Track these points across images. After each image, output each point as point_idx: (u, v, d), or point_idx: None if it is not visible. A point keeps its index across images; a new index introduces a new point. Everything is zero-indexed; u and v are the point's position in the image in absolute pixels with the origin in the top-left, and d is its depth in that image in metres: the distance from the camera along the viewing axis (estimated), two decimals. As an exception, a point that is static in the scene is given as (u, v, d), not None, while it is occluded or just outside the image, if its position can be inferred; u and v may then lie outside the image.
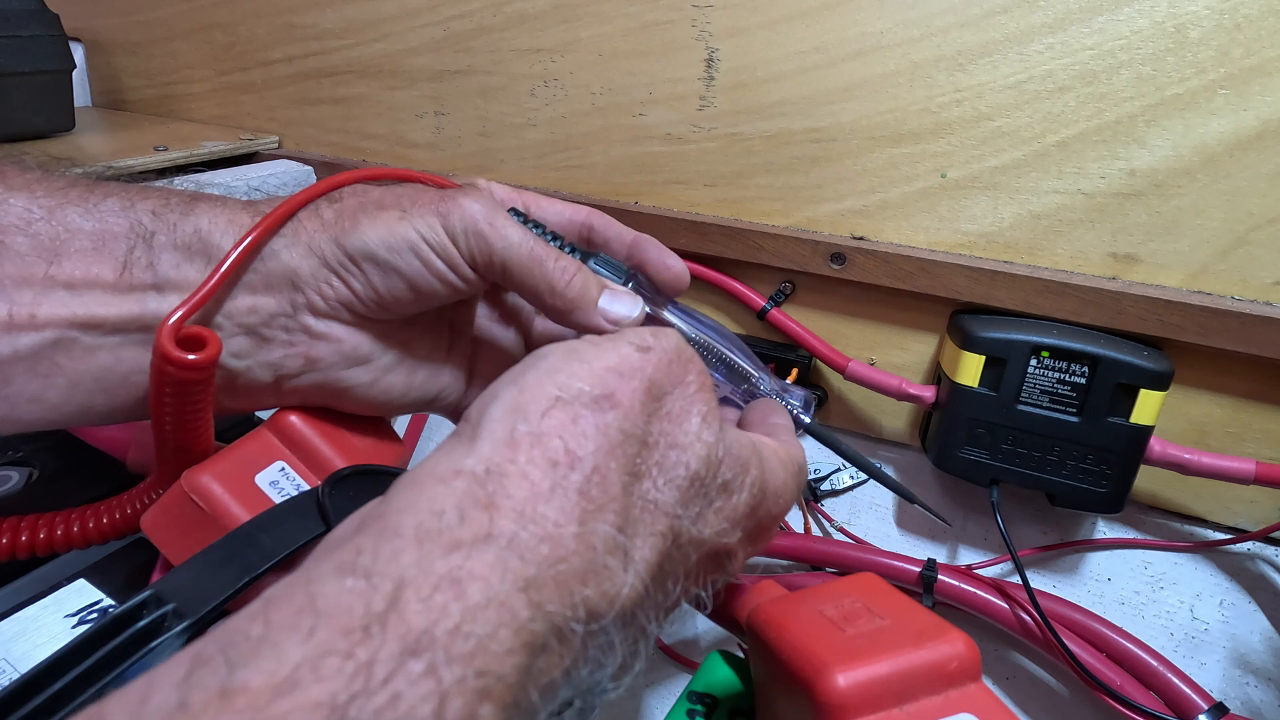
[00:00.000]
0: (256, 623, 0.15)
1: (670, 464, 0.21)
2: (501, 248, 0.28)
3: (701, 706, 0.28)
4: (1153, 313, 0.42)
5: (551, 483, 0.19)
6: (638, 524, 0.20)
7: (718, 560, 0.24)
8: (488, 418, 0.20)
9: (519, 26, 0.56)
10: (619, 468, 0.20)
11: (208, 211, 0.29)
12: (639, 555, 0.20)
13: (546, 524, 0.18)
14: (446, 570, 0.17)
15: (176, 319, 0.26)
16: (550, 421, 0.20)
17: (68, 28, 0.62)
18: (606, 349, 0.22)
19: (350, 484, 0.30)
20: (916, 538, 0.55)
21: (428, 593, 0.16)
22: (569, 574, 0.18)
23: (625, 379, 0.21)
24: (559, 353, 0.22)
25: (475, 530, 0.17)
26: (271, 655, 0.15)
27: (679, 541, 0.22)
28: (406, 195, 0.29)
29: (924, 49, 0.45)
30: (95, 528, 0.31)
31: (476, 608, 0.16)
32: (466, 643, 0.16)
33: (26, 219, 0.26)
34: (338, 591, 0.16)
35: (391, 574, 0.16)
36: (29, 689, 0.21)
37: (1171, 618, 0.49)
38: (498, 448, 0.19)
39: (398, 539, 0.17)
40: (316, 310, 0.29)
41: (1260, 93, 0.40)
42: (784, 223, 0.52)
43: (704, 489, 0.22)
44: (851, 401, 0.54)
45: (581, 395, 0.20)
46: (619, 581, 0.19)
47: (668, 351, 0.23)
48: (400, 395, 0.33)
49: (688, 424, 0.22)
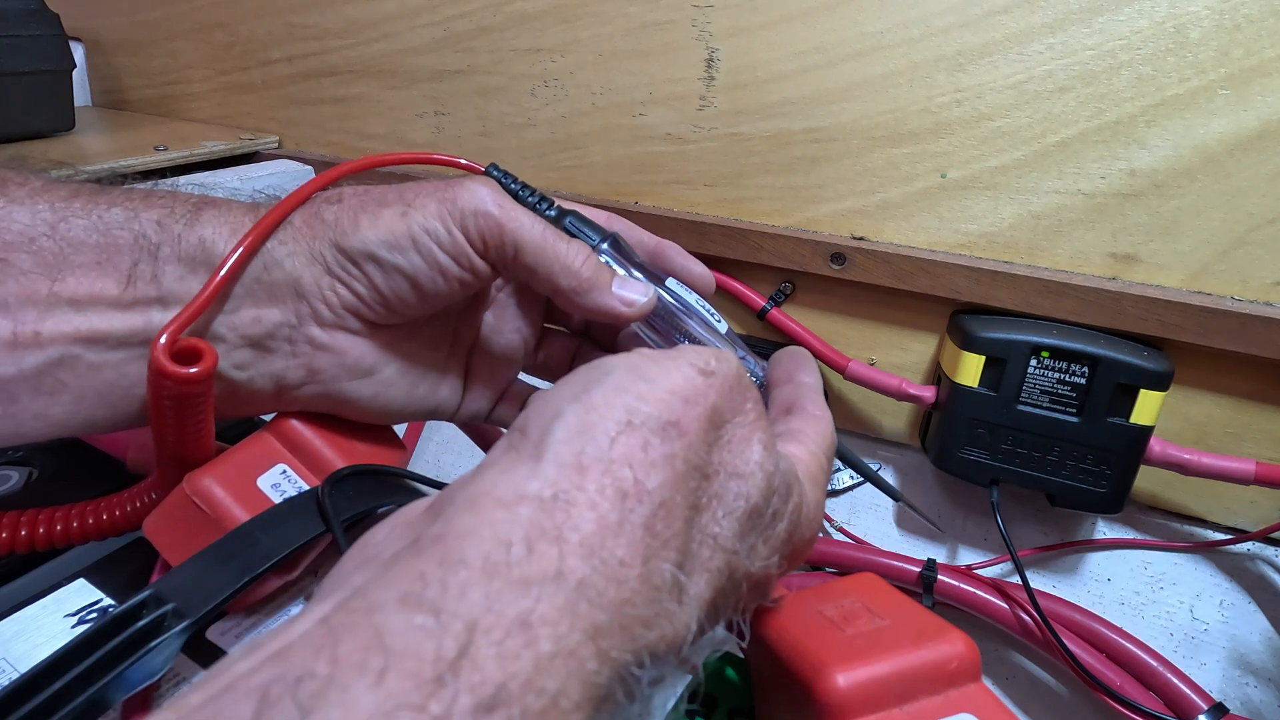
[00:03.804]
0: (323, 657, 0.14)
1: (730, 495, 0.20)
2: (513, 229, 0.28)
3: (701, 706, 0.28)
4: (1153, 313, 0.42)
5: (620, 516, 0.17)
6: (695, 559, 0.19)
7: (761, 589, 0.24)
8: (552, 437, 0.18)
9: (519, 26, 0.56)
10: (683, 501, 0.19)
11: (212, 220, 0.28)
12: (694, 592, 0.19)
13: (614, 563, 0.17)
14: (517, 614, 0.15)
15: (170, 333, 0.26)
16: (620, 448, 0.18)
17: (68, 28, 0.62)
18: (670, 369, 0.20)
19: (350, 484, 0.30)
20: (916, 538, 0.55)
21: (499, 637, 0.15)
22: (633, 619, 0.17)
23: (690, 404, 0.20)
24: (623, 369, 0.20)
25: (544, 567, 0.16)
26: (340, 701, 0.13)
27: (734, 576, 0.21)
28: (409, 189, 0.29)
29: (924, 49, 0.45)
30: (95, 524, 0.31)
31: (547, 658, 0.15)
32: (540, 699, 0.15)
33: (30, 235, 0.26)
34: (406, 629, 0.15)
35: (462, 613, 0.15)
36: (29, 689, 0.21)
37: (1171, 618, 0.49)
38: (565, 472, 0.18)
39: (463, 569, 0.16)
40: (322, 321, 0.29)
41: (1260, 93, 0.40)
42: (784, 223, 0.52)
43: (759, 521, 0.21)
44: (851, 401, 0.54)
45: (650, 421, 0.19)
46: (679, 623, 0.18)
47: (729, 378, 0.21)
48: (400, 408, 0.33)
49: (749, 453, 0.21)
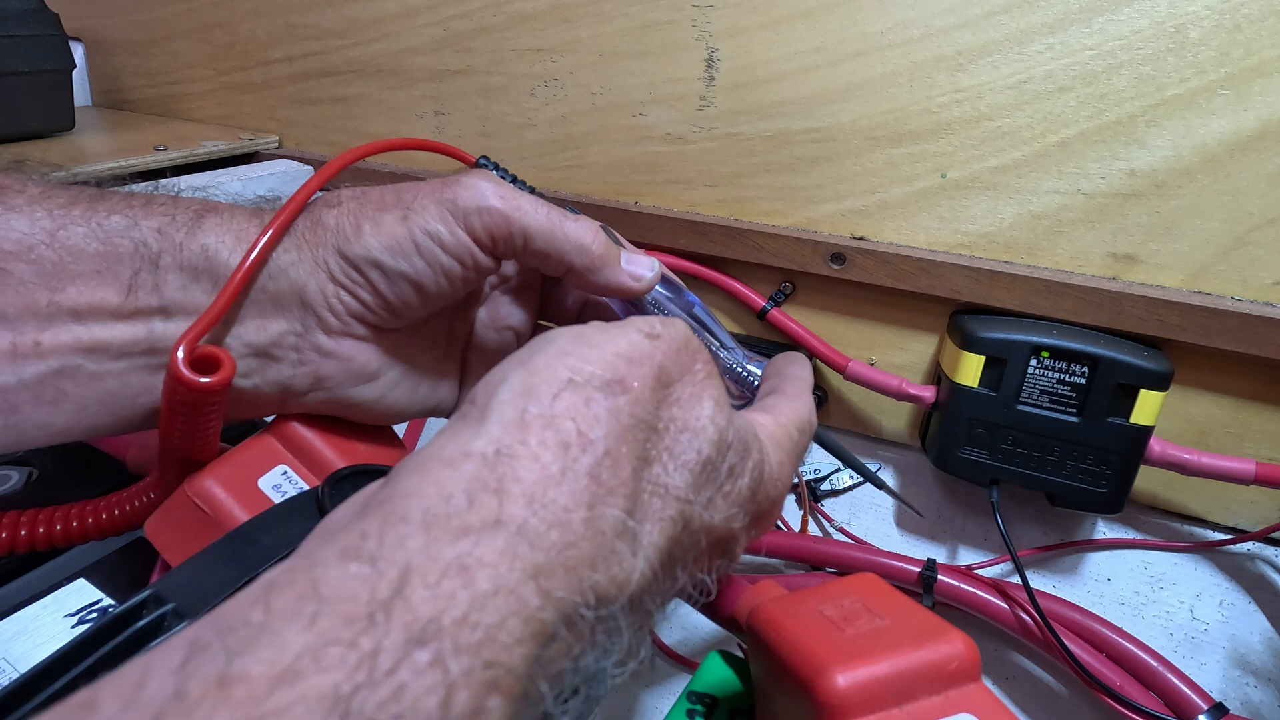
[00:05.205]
0: (256, 608, 0.15)
1: (681, 449, 0.21)
2: (518, 216, 0.28)
3: (701, 706, 0.28)
4: (1153, 313, 0.42)
5: (562, 466, 0.18)
6: (647, 509, 0.20)
7: (724, 545, 0.24)
8: (496, 399, 0.19)
9: (519, 26, 0.56)
10: (629, 452, 0.20)
11: (215, 228, 0.28)
12: (648, 540, 0.20)
13: (556, 509, 0.18)
14: (454, 557, 0.16)
15: (188, 341, 0.26)
16: (562, 404, 0.19)
17: (68, 27, 0.62)
18: (615, 335, 0.22)
19: (350, 483, 0.30)
20: (916, 538, 0.55)
21: (435, 579, 0.16)
22: (578, 560, 0.18)
23: (635, 364, 0.21)
24: (568, 336, 0.21)
25: (484, 515, 0.17)
26: (272, 643, 0.14)
27: (690, 527, 0.22)
28: (407, 191, 0.29)
29: (924, 49, 0.45)
30: (95, 524, 0.31)
31: (485, 596, 0.16)
32: (474, 633, 0.15)
33: (28, 244, 0.25)
34: (341, 577, 0.15)
35: (398, 560, 0.16)
36: (29, 689, 0.21)
37: (1171, 618, 0.49)
38: (508, 429, 0.19)
39: (404, 524, 0.16)
40: (329, 329, 0.29)
41: (1260, 93, 0.40)
42: (784, 223, 0.52)
43: (714, 474, 0.22)
44: (851, 401, 0.54)
45: (593, 379, 0.20)
46: (628, 566, 0.19)
47: (675, 340, 0.22)
48: (404, 408, 0.33)
49: (699, 408, 0.22)
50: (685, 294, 0.35)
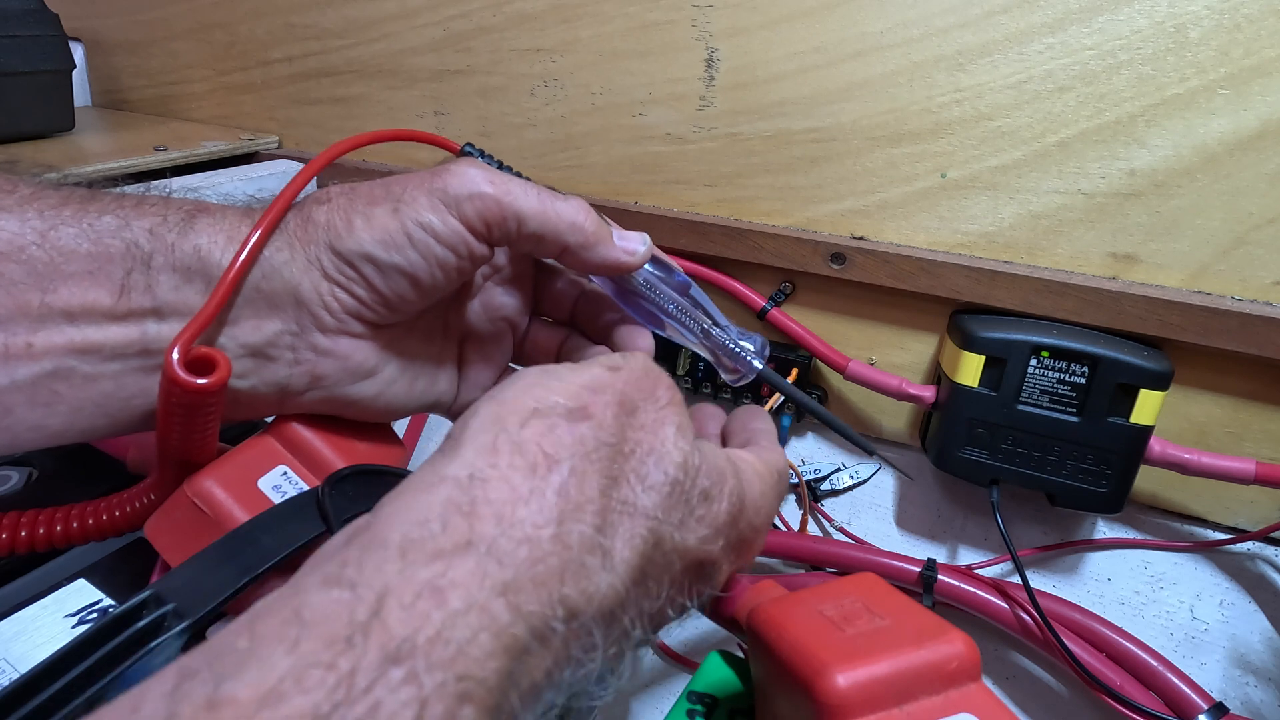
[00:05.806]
0: (243, 636, 0.16)
1: (648, 470, 0.22)
2: (510, 200, 0.28)
3: (701, 706, 0.28)
4: (1153, 313, 0.42)
5: (530, 486, 0.19)
6: (616, 526, 0.21)
7: (703, 570, 0.25)
8: (470, 429, 0.21)
9: (519, 26, 0.56)
10: (596, 471, 0.21)
11: (207, 229, 0.28)
12: (619, 555, 0.21)
13: (525, 526, 0.19)
14: (428, 578, 0.17)
15: (183, 343, 0.26)
16: (529, 430, 0.21)
17: (68, 27, 0.62)
18: (580, 369, 0.23)
19: (350, 484, 0.30)
20: (916, 538, 0.55)
21: (410, 600, 0.16)
22: (546, 574, 0.19)
23: (598, 393, 0.22)
24: (536, 372, 0.23)
25: (456, 538, 0.18)
26: (257, 667, 0.15)
27: (662, 547, 0.22)
28: (395, 184, 0.29)
29: (924, 49, 0.45)
30: (95, 524, 0.31)
31: (456, 614, 0.17)
32: (447, 649, 0.16)
33: (19, 244, 0.25)
34: (323, 603, 0.16)
35: (376, 584, 0.17)
36: (29, 689, 0.21)
37: (1171, 618, 0.49)
38: (480, 454, 0.20)
39: (382, 550, 0.17)
40: (325, 327, 0.29)
41: (1260, 93, 0.40)
42: (784, 223, 0.52)
43: (685, 495, 0.23)
44: (851, 401, 0.54)
45: (557, 407, 0.21)
46: (598, 579, 0.20)
47: (635, 370, 0.24)
48: (403, 404, 0.33)
49: (662, 432, 0.23)
50: (677, 274, 0.35)
